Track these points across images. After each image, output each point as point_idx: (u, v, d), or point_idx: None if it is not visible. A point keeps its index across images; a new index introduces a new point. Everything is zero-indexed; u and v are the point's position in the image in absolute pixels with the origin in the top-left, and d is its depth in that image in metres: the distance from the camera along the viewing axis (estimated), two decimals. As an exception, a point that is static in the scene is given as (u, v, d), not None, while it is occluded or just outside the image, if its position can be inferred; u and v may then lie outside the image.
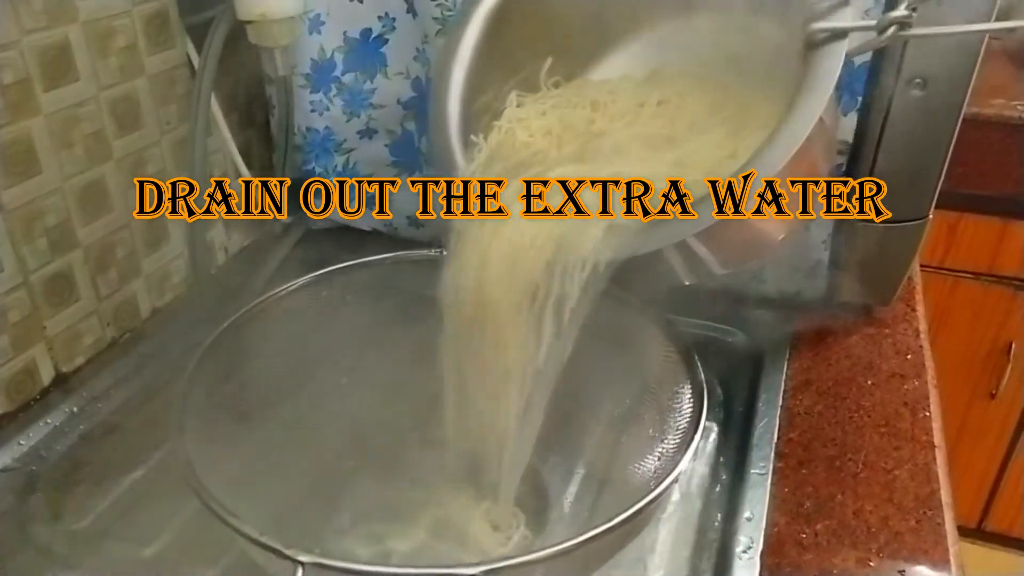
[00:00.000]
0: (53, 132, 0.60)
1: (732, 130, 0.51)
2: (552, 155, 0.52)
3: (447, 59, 0.55)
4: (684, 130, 0.52)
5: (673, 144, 0.51)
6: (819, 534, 0.53)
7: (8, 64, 0.55)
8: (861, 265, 0.71)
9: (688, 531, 0.57)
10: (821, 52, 0.45)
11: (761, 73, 0.54)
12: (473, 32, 0.55)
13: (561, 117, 0.54)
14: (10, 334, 0.59)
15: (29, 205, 0.59)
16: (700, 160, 0.49)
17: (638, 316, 0.57)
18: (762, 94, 0.53)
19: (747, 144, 0.48)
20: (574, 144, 0.52)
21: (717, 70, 0.56)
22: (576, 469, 0.59)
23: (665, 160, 0.50)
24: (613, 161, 0.50)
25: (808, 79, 0.45)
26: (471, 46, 0.55)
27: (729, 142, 0.50)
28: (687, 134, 0.51)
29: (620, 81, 0.58)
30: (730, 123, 0.51)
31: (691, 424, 0.48)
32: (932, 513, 0.54)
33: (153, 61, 0.68)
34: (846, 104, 0.64)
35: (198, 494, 0.42)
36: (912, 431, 0.61)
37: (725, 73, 0.55)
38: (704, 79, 0.56)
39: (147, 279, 0.72)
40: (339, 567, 0.38)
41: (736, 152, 0.49)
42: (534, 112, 0.55)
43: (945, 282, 1.35)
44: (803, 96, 0.45)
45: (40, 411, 0.61)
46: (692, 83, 0.56)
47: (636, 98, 0.55)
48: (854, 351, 0.70)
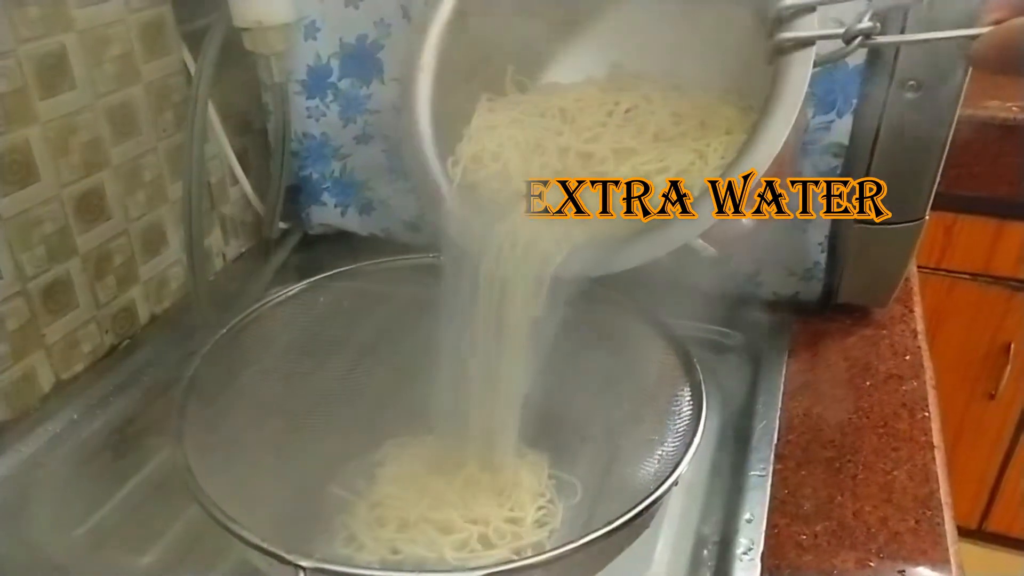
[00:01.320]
0: (50, 140, 0.60)
1: (696, 137, 0.51)
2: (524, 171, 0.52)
3: (412, 69, 0.54)
4: (650, 141, 0.52)
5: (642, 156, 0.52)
6: (819, 535, 0.53)
7: (4, 73, 0.56)
8: (858, 267, 0.71)
9: (688, 533, 0.57)
10: (789, 61, 0.46)
11: (717, 67, 0.55)
12: (434, 39, 0.55)
13: (528, 136, 0.53)
14: (9, 342, 0.59)
15: (26, 213, 0.59)
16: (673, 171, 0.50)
17: (636, 319, 0.57)
18: (719, 91, 0.54)
19: (714, 149, 0.50)
20: (547, 160, 0.53)
21: (673, 65, 0.57)
22: (575, 471, 0.59)
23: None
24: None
25: (777, 91, 0.46)
26: (434, 54, 0.55)
27: (696, 146, 0.51)
28: (654, 145, 0.52)
29: (585, 86, 0.58)
30: (694, 130, 0.52)
31: (690, 427, 0.48)
32: (931, 513, 0.54)
33: (149, 68, 0.68)
34: (841, 107, 0.64)
35: (199, 500, 0.42)
36: (911, 432, 0.61)
37: (681, 67, 0.56)
38: (662, 77, 0.57)
39: (145, 286, 0.72)
40: (340, 571, 0.38)
41: (705, 156, 0.50)
42: (504, 119, 0.55)
43: (942, 283, 1.35)
44: (773, 109, 0.45)
45: (40, 418, 0.61)
46: (652, 85, 0.56)
47: (603, 106, 0.55)
48: (852, 352, 0.70)
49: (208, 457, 0.46)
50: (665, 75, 0.57)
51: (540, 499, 0.57)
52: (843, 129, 0.65)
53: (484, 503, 0.55)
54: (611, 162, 0.51)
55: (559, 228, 0.49)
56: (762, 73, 0.48)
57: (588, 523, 0.53)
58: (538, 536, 0.54)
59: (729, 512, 0.56)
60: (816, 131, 0.65)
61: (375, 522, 0.55)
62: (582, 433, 0.60)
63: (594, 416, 0.58)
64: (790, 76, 0.45)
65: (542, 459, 0.60)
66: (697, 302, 0.73)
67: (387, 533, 0.54)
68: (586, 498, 0.57)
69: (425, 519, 0.55)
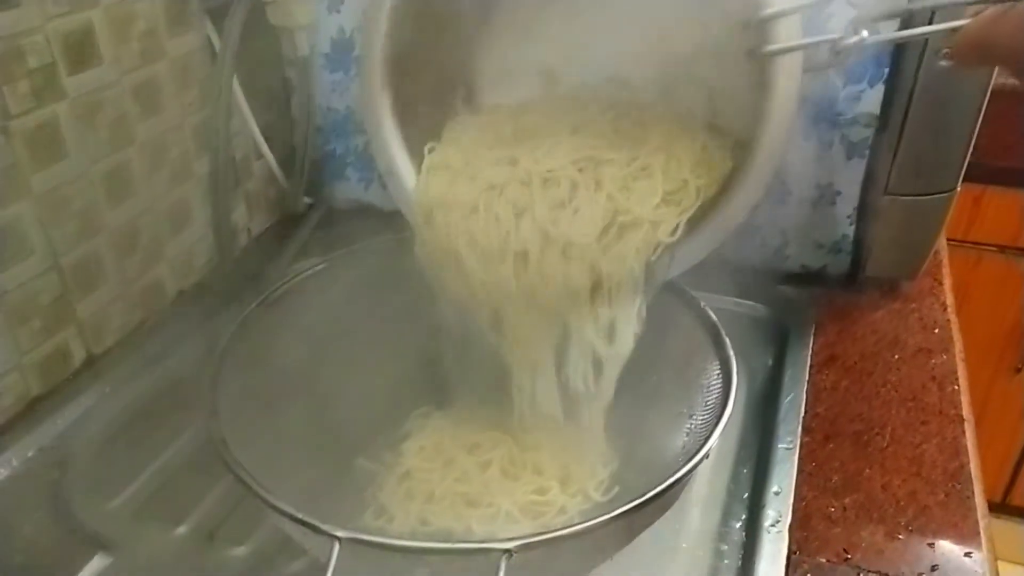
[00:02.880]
0: (78, 116, 0.60)
1: (632, 156, 0.52)
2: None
3: (369, 95, 0.55)
4: (595, 165, 0.52)
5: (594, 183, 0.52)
6: (847, 508, 0.53)
7: (33, 49, 0.56)
8: (887, 239, 0.70)
9: (716, 505, 0.57)
10: (775, 71, 0.46)
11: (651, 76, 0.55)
12: (380, 61, 0.54)
13: (483, 171, 0.53)
14: (42, 317, 0.60)
15: (57, 190, 0.59)
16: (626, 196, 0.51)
17: (664, 294, 0.57)
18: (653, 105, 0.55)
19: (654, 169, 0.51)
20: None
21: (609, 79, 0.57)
22: (603, 443, 0.59)
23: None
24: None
25: (769, 106, 0.46)
26: (386, 70, 0.55)
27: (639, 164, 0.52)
28: (600, 166, 0.52)
29: (535, 105, 0.58)
30: (630, 146, 0.52)
31: (720, 401, 0.48)
32: (961, 487, 0.54)
33: (174, 44, 0.68)
34: (872, 76, 0.63)
35: (235, 472, 0.42)
36: (940, 405, 0.61)
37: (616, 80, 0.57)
38: (598, 87, 0.58)
39: (172, 262, 0.73)
40: (376, 542, 0.38)
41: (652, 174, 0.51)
42: (454, 151, 0.55)
43: (969, 256, 1.33)
44: (767, 123, 0.46)
45: (73, 392, 0.62)
46: (591, 98, 0.57)
47: (551, 128, 0.55)
48: (880, 326, 0.70)
49: (240, 429, 0.47)
50: (607, 85, 0.58)
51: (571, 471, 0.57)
52: (874, 99, 0.64)
53: (513, 476, 0.55)
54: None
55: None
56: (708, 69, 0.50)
57: (618, 495, 0.54)
58: (569, 507, 0.55)
59: (757, 485, 0.56)
60: (846, 101, 0.64)
61: (404, 495, 0.56)
62: (610, 405, 0.60)
63: (623, 388, 0.58)
64: (777, 86, 0.46)
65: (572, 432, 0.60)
66: (725, 275, 0.72)
67: (416, 506, 0.55)
68: (616, 470, 0.57)
69: (453, 492, 0.55)
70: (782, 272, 0.74)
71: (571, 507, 0.54)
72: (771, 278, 0.74)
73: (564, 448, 0.57)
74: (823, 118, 0.65)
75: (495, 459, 0.57)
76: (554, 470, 0.57)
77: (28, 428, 0.58)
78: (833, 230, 0.71)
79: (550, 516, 0.54)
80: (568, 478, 0.56)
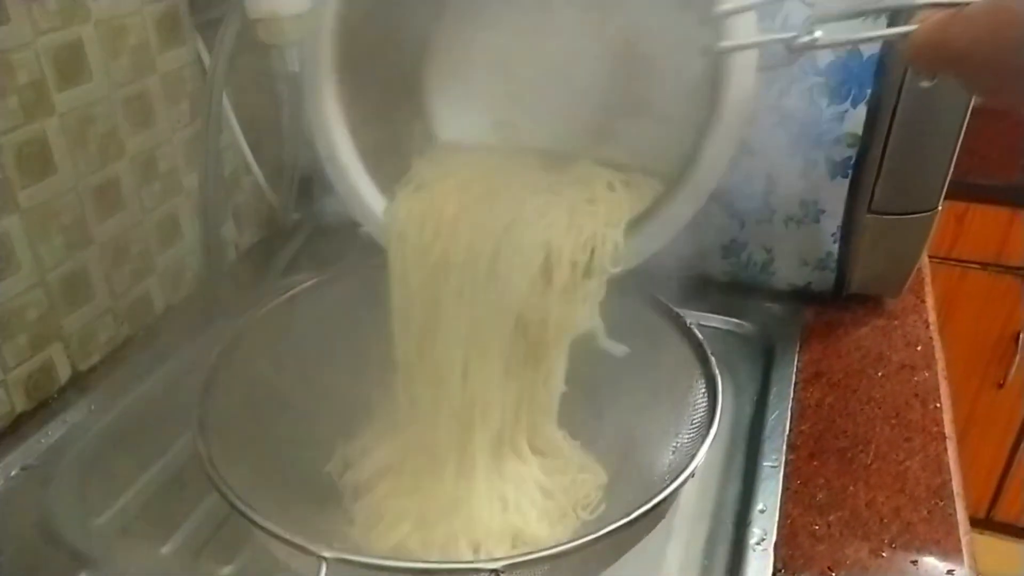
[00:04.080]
0: (68, 131, 0.60)
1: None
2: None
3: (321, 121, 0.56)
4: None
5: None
6: (832, 525, 0.53)
7: (23, 64, 0.56)
8: (871, 257, 0.71)
9: (702, 523, 0.57)
10: (729, 69, 0.46)
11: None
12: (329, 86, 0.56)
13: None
14: (28, 333, 0.60)
15: (45, 204, 0.59)
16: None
17: (649, 310, 0.58)
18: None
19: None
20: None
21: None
22: (591, 457, 0.60)
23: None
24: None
25: (723, 103, 0.46)
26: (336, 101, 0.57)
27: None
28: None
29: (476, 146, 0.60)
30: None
31: (706, 419, 0.48)
32: (944, 504, 0.55)
33: (164, 59, 0.69)
34: (855, 96, 0.64)
35: (220, 491, 0.42)
36: (923, 422, 0.61)
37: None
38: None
39: (160, 276, 0.72)
40: (362, 562, 0.38)
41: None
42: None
43: (953, 272, 1.35)
44: (719, 112, 0.46)
45: (58, 409, 0.62)
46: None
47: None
48: (864, 343, 0.70)
49: (227, 446, 0.47)
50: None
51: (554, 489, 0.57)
52: (857, 119, 0.64)
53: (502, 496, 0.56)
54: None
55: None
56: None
57: (605, 513, 0.54)
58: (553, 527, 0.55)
59: (742, 502, 0.56)
60: (830, 121, 0.65)
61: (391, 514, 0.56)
62: (596, 422, 0.60)
63: (608, 406, 0.58)
64: (731, 82, 0.46)
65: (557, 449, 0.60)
66: (709, 292, 0.73)
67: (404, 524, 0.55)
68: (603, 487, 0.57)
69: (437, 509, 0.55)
70: (767, 289, 0.75)
71: (558, 526, 0.54)
72: (756, 295, 0.75)
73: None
74: (807, 137, 0.66)
75: (480, 475, 0.57)
76: (539, 488, 0.57)
77: (12, 445, 0.58)
78: (818, 248, 0.71)
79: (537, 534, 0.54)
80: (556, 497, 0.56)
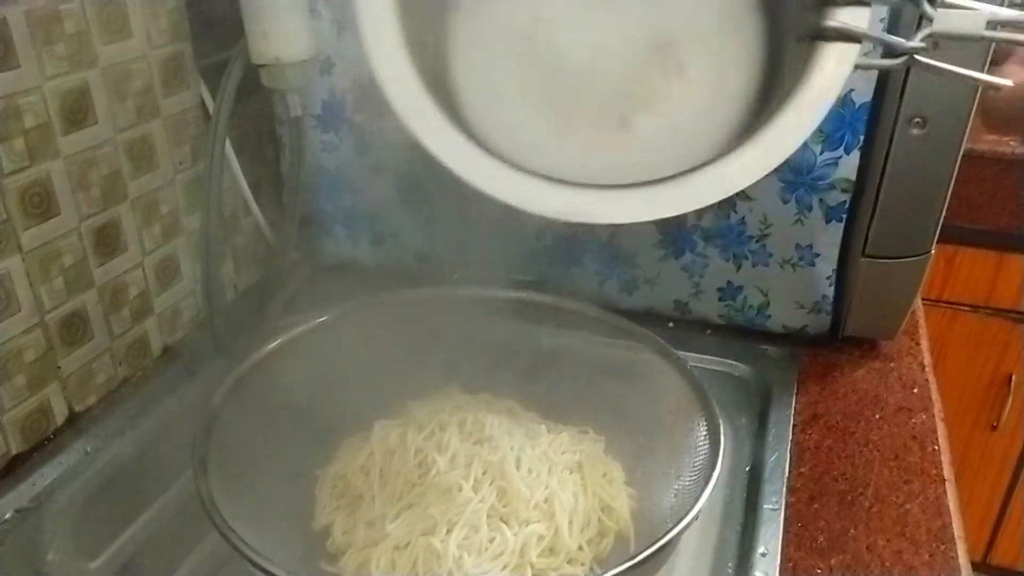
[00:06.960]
0: (71, 174, 0.61)
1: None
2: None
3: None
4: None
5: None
6: (833, 569, 0.53)
7: (30, 108, 0.56)
8: (866, 300, 0.72)
9: (703, 566, 0.57)
10: (827, 54, 0.43)
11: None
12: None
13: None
14: (25, 374, 0.59)
15: (47, 246, 0.60)
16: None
17: (651, 354, 0.58)
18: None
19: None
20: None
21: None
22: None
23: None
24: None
25: (807, 81, 0.43)
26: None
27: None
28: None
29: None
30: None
31: (707, 463, 0.48)
32: (945, 547, 0.54)
33: (168, 103, 0.69)
34: (848, 143, 0.65)
35: (223, 533, 0.42)
36: (922, 465, 0.62)
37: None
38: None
39: (159, 317, 0.72)
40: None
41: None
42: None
43: (944, 315, 1.36)
44: (800, 96, 0.43)
45: (54, 451, 0.61)
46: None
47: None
48: (860, 385, 0.71)
49: (227, 488, 0.47)
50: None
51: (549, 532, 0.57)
52: (851, 165, 0.66)
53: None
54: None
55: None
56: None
57: (609, 558, 0.53)
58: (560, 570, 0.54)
59: (743, 545, 0.56)
60: (824, 167, 0.66)
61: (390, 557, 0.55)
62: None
63: (609, 448, 0.58)
64: (825, 69, 0.43)
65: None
66: (706, 334, 0.73)
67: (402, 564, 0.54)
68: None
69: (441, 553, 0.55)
70: (763, 332, 0.76)
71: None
72: (752, 338, 0.75)
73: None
74: (802, 183, 0.67)
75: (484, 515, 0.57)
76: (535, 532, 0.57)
77: (7, 487, 0.57)
78: (813, 291, 0.72)
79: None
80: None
